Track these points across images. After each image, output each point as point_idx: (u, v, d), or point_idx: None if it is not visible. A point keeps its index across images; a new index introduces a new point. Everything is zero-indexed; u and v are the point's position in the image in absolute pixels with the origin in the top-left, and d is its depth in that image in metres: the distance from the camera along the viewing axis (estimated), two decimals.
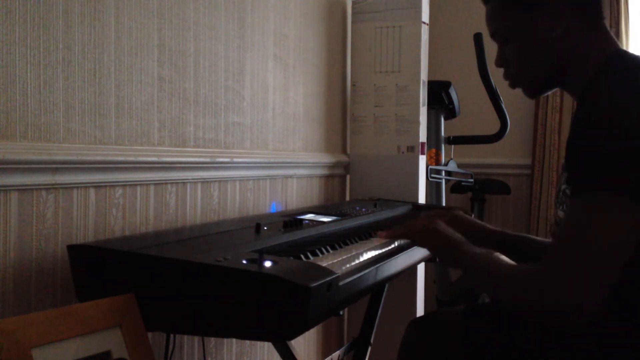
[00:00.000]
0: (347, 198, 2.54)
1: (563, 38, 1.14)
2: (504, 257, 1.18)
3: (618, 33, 3.02)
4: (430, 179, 2.59)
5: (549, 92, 1.28)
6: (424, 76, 2.37)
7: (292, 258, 1.11)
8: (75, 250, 1.13)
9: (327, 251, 1.22)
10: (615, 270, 0.95)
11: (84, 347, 0.96)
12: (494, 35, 1.25)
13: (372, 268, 1.18)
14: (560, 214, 1.17)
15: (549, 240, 1.47)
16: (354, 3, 2.43)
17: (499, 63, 1.26)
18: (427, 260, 1.76)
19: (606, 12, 2.98)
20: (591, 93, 1.08)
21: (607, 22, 1.17)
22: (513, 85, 1.27)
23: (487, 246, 1.46)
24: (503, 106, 2.82)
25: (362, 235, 1.41)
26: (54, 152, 1.19)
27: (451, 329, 1.35)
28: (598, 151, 0.96)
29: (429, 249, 1.30)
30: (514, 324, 1.28)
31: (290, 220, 1.46)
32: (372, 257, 1.25)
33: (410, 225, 1.34)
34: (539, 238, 1.45)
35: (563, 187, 1.12)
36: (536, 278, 1.00)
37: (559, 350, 1.13)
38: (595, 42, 1.14)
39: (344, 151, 2.54)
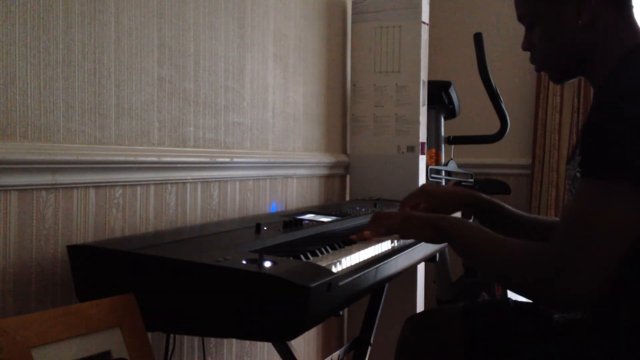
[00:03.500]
0: (347, 198, 2.55)
1: (589, 27, 1.13)
2: (489, 230, 1.16)
3: None
4: (430, 179, 2.59)
5: (574, 79, 1.28)
6: (424, 76, 2.37)
7: (291, 258, 1.11)
8: (75, 250, 1.13)
9: (327, 251, 1.22)
10: (621, 255, 0.95)
11: (84, 347, 0.96)
12: (521, 19, 1.23)
13: (372, 268, 1.18)
14: None
15: (522, 213, 1.45)
16: (354, 3, 2.43)
17: (525, 46, 1.25)
18: (427, 260, 1.76)
19: None
20: (612, 81, 1.07)
21: (633, 12, 1.15)
22: (538, 69, 1.26)
23: (463, 209, 1.45)
24: (503, 106, 2.82)
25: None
26: (54, 152, 1.19)
27: (449, 325, 1.35)
28: (614, 136, 0.96)
29: (414, 236, 1.26)
30: (513, 321, 1.28)
31: (290, 220, 1.46)
32: (372, 257, 1.25)
33: (385, 220, 1.31)
34: (512, 208, 1.42)
35: (578, 173, 1.10)
36: (546, 258, 0.99)
37: (559, 347, 1.13)
38: (622, 33, 1.12)
39: (344, 151, 2.54)
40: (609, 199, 0.95)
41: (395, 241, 1.39)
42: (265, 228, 1.37)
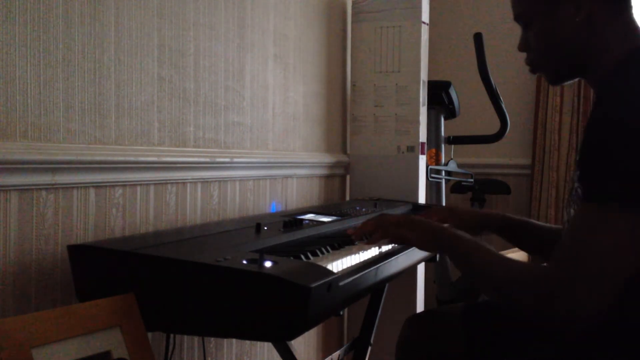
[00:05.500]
0: (347, 198, 2.54)
1: (586, 25, 1.10)
2: (491, 247, 1.15)
3: None
4: (430, 179, 2.59)
5: (571, 81, 1.25)
6: (424, 76, 2.37)
7: (292, 258, 1.12)
8: (75, 250, 1.13)
9: (327, 251, 1.22)
10: (623, 279, 0.94)
11: (84, 347, 0.96)
12: (517, 18, 1.21)
13: (372, 268, 1.18)
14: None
15: (549, 225, 1.46)
16: (354, 3, 2.43)
17: (521, 47, 1.22)
18: (427, 260, 1.76)
19: None
20: (611, 91, 1.05)
21: (633, 13, 1.13)
22: (533, 70, 1.23)
23: (489, 230, 1.47)
24: (503, 106, 2.82)
25: (362, 235, 1.41)
26: (54, 152, 1.19)
27: (449, 325, 1.35)
28: (616, 158, 0.94)
29: (410, 240, 1.22)
30: (512, 320, 1.28)
31: (290, 220, 1.46)
32: (372, 257, 1.25)
33: (382, 218, 1.28)
34: (539, 222, 1.44)
35: (576, 185, 1.07)
36: (546, 282, 0.98)
37: (556, 348, 1.13)
38: (620, 32, 1.10)
39: (344, 151, 2.54)
40: (613, 225, 0.93)
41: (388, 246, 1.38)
42: (265, 228, 1.37)
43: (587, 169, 0.99)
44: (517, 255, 2.88)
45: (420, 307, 2.40)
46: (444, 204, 2.85)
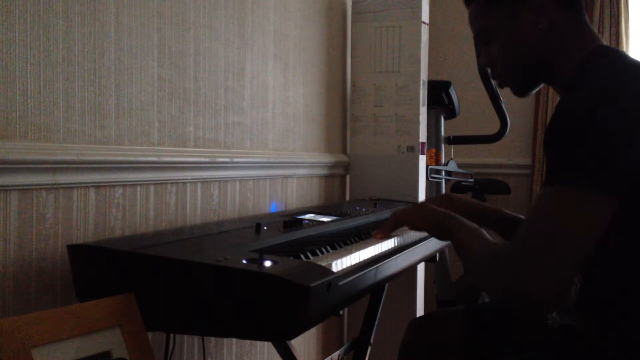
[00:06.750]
0: (347, 198, 2.55)
1: (548, 33, 1.14)
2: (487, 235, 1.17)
3: (618, 33, 3.02)
4: (430, 179, 2.59)
5: (537, 89, 1.28)
6: (424, 76, 2.37)
7: (292, 258, 1.11)
8: (75, 250, 1.13)
9: (327, 251, 1.22)
10: (580, 257, 0.95)
11: (84, 347, 0.96)
12: (478, 36, 1.24)
13: (372, 268, 1.18)
14: None
15: None
16: (354, 3, 2.43)
17: (485, 62, 1.25)
18: (427, 260, 1.76)
19: (605, 12, 2.98)
20: (575, 87, 1.08)
21: (587, 17, 1.17)
22: (501, 84, 1.26)
23: (484, 224, 1.49)
24: (503, 106, 2.82)
25: (362, 235, 1.41)
26: (54, 152, 1.19)
27: (451, 328, 1.35)
28: (574, 142, 0.96)
29: (420, 224, 1.26)
30: (513, 323, 1.28)
31: (290, 220, 1.46)
32: (372, 257, 1.25)
33: (398, 211, 1.34)
34: None
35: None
36: (505, 259, 0.99)
37: (558, 350, 1.13)
38: (580, 36, 1.14)
39: (344, 151, 2.54)
40: (569, 203, 0.95)
41: (396, 239, 1.39)
42: (265, 228, 1.37)
43: (548, 156, 1.01)
44: None
45: (420, 307, 2.40)
46: None
